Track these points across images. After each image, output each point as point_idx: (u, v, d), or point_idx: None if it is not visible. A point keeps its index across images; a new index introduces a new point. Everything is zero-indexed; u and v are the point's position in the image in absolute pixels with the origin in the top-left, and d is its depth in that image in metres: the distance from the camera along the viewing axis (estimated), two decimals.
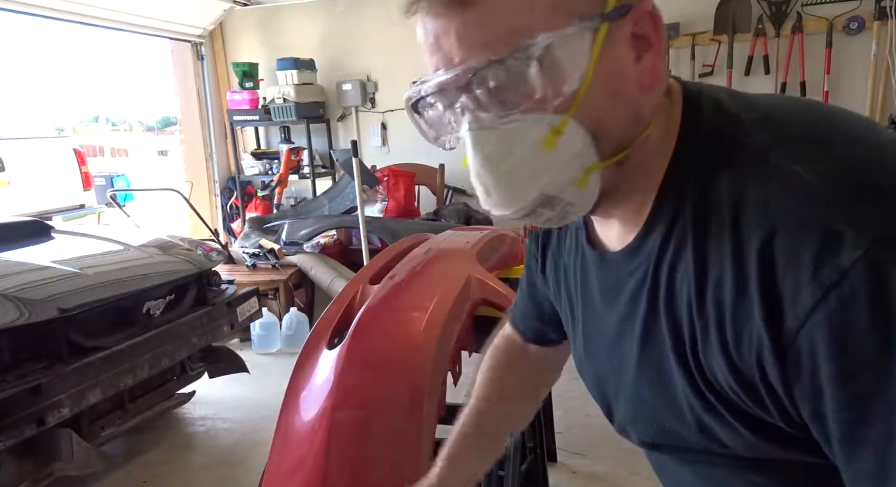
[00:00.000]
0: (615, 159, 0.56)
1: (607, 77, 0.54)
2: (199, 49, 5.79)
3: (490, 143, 0.55)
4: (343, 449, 1.10)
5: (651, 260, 0.59)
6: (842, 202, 0.47)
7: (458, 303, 1.45)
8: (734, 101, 0.59)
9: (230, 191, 5.89)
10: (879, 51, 4.09)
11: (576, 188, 0.56)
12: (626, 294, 0.63)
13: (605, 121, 0.55)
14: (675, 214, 0.57)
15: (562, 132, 0.54)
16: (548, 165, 0.55)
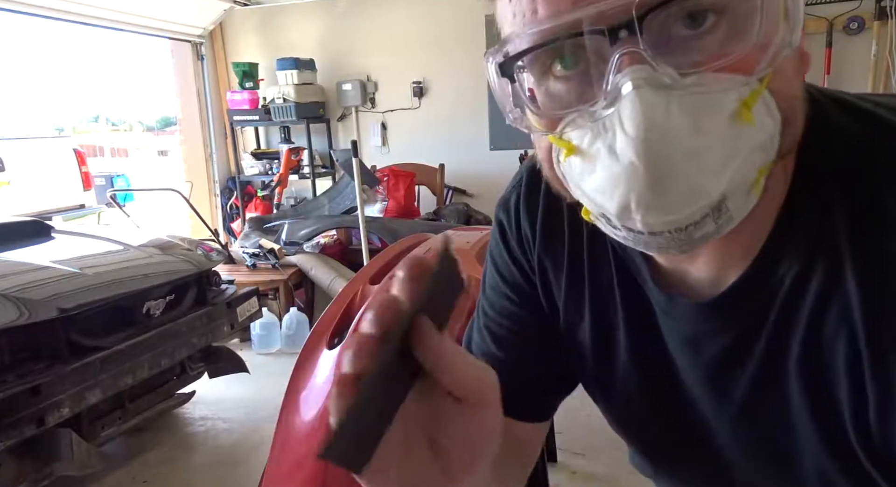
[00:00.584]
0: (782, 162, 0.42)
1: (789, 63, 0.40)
2: (199, 49, 5.79)
3: (671, 111, 0.37)
4: None
5: (775, 303, 0.45)
6: None
7: (459, 303, 1.45)
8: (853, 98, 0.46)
9: (230, 191, 5.89)
10: (879, 51, 4.08)
11: (748, 193, 0.40)
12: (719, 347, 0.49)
13: (793, 101, 0.41)
14: (815, 242, 0.43)
15: (752, 107, 0.38)
16: (737, 151, 0.38)
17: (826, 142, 0.44)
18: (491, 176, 5.12)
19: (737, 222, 0.41)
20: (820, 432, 0.45)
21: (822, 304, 0.43)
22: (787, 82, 0.40)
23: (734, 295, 0.47)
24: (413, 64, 5.23)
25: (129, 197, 6.20)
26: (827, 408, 0.44)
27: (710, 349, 0.50)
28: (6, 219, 3.01)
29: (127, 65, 32.60)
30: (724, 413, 0.52)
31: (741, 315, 0.47)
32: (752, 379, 0.48)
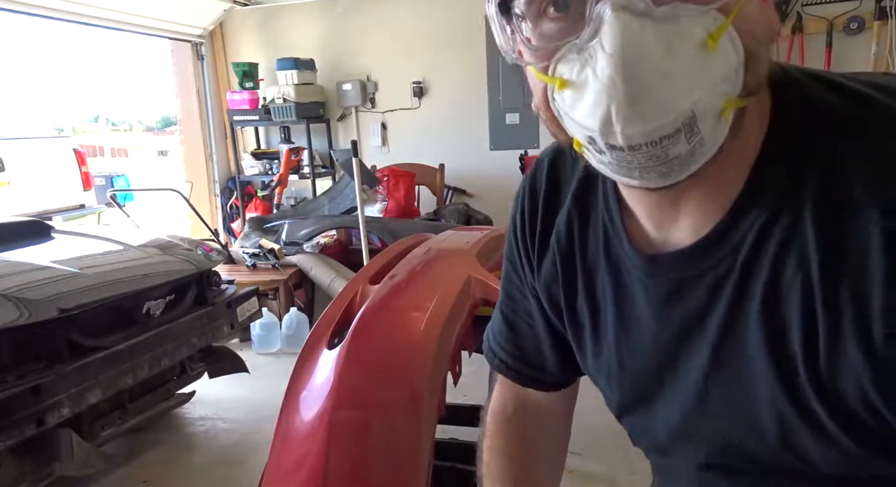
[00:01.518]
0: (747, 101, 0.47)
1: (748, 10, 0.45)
2: (199, 49, 5.79)
3: (645, 34, 0.43)
4: (343, 449, 1.10)
5: (741, 253, 0.51)
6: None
7: (458, 303, 1.45)
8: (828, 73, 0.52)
9: (230, 191, 5.89)
10: (879, 51, 4.09)
11: (717, 119, 0.45)
12: (692, 297, 0.55)
13: (757, 41, 0.46)
14: (779, 201, 0.49)
15: (717, 38, 0.43)
16: (703, 76, 0.44)
17: (799, 108, 0.50)
18: (491, 176, 5.12)
19: (709, 150, 0.46)
20: (776, 373, 0.50)
21: (783, 252, 0.48)
22: (752, 22, 0.45)
23: (709, 241, 0.52)
24: (413, 64, 5.24)
25: (129, 197, 6.20)
26: (783, 350, 0.49)
27: (694, 294, 0.54)
28: (6, 219, 3.01)
29: (127, 65, 32.63)
30: (695, 364, 0.56)
31: (716, 260, 0.52)
32: (720, 323, 0.53)
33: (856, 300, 0.44)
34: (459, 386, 1.70)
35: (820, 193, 0.47)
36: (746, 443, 0.55)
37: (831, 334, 0.46)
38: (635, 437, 0.69)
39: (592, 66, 0.44)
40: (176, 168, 6.78)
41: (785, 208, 0.48)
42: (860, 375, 0.45)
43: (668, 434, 0.62)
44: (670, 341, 0.58)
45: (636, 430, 0.67)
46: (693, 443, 0.60)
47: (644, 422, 0.65)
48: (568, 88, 0.47)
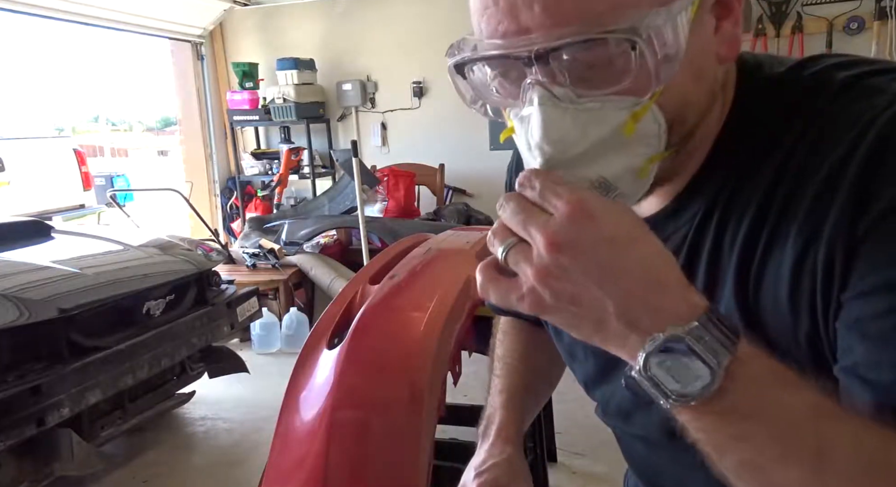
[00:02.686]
0: (678, 148, 0.53)
1: (694, 55, 0.49)
2: (199, 49, 5.79)
3: (563, 123, 0.48)
4: (343, 449, 1.10)
5: (694, 222, 0.57)
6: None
7: (458, 303, 1.45)
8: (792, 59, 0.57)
9: (230, 191, 5.89)
10: (879, 51, 4.08)
11: (635, 178, 0.51)
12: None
13: (685, 107, 0.51)
14: (725, 179, 0.55)
15: (640, 118, 0.49)
16: (617, 152, 0.49)
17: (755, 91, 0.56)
18: (491, 176, 5.11)
19: (633, 199, 0.53)
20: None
21: (725, 218, 0.54)
22: (680, 92, 0.50)
23: (668, 211, 0.60)
24: (413, 64, 5.23)
25: (129, 197, 6.20)
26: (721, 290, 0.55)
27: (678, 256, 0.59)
28: (6, 219, 3.01)
29: (127, 65, 32.61)
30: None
31: (675, 227, 0.59)
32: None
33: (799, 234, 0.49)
34: (459, 386, 1.70)
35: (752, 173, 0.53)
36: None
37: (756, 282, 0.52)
38: (604, 407, 0.73)
39: (527, 130, 0.51)
40: (176, 168, 6.78)
41: (726, 186, 0.55)
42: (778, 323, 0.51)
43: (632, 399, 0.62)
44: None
45: (605, 399, 0.71)
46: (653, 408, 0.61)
47: (613, 390, 0.68)
48: (515, 133, 0.54)
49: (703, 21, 0.50)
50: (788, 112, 0.52)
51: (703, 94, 0.53)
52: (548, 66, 0.48)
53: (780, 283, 0.50)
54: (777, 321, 0.50)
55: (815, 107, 0.51)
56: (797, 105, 0.52)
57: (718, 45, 0.52)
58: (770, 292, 0.51)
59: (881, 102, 0.47)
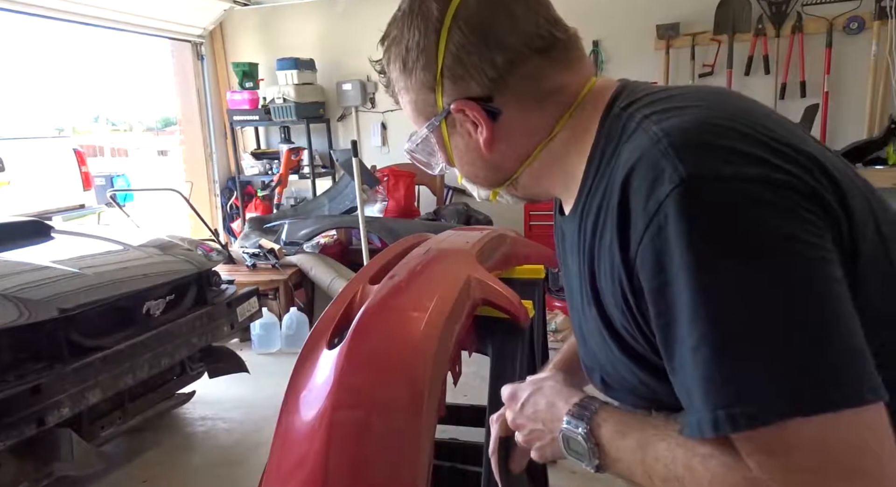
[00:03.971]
0: (504, 186, 0.84)
1: (459, 151, 0.82)
2: (199, 49, 5.79)
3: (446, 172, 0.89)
4: (343, 449, 1.09)
5: (578, 222, 0.73)
6: (676, 148, 0.58)
7: (458, 303, 1.44)
8: (646, 93, 0.72)
9: (230, 191, 5.89)
10: (879, 51, 4.09)
11: (496, 198, 0.87)
12: (574, 248, 0.76)
13: (474, 176, 0.85)
14: (588, 186, 0.71)
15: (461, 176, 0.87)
16: (473, 188, 0.89)
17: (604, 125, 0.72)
18: None
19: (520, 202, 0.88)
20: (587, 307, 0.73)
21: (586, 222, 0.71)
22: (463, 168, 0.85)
23: (570, 217, 0.77)
24: None
25: (129, 197, 6.21)
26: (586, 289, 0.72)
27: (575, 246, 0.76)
28: (6, 219, 3.01)
29: (127, 65, 32.59)
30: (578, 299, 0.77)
31: (576, 224, 0.74)
32: (577, 274, 0.75)
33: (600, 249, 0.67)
34: (459, 385, 1.69)
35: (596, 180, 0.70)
36: (605, 368, 0.76)
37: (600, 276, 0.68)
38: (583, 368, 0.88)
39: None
40: (176, 168, 6.78)
41: (590, 195, 0.70)
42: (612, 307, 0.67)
43: (583, 359, 0.84)
44: (574, 281, 0.78)
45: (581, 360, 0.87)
46: (591, 366, 0.82)
47: (581, 354, 0.85)
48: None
49: (459, 131, 0.80)
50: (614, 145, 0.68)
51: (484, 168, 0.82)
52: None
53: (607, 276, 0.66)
54: (607, 297, 0.67)
55: (616, 146, 0.67)
56: (617, 140, 0.68)
57: (481, 142, 0.78)
58: (604, 278, 0.67)
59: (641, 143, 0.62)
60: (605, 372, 0.77)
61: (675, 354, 0.57)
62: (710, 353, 0.54)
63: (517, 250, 2.19)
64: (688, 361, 0.55)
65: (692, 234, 0.55)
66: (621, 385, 0.74)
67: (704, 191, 0.55)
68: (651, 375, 0.67)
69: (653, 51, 4.58)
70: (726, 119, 0.61)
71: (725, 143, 0.58)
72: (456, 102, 0.75)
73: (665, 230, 0.56)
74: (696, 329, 0.54)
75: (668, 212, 0.56)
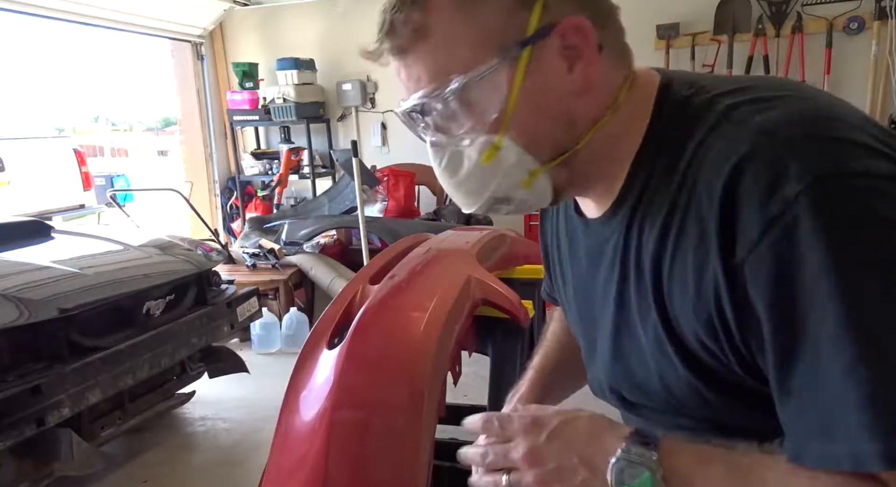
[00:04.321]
0: (558, 161, 0.64)
1: (534, 96, 0.61)
2: (199, 49, 5.79)
3: (444, 159, 0.66)
4: (343, 449, 1.10)
5: (622, 227, 0.65)
6: (795, 142, 0.52)
7: (458, 303, 1.44)
8: (706, 81, 0.63)
9: (230, 191, 5.89)
10: (879, 51, 4.08)
11: (524, 189, 0.65)
12: (605, 259, 0.69)
13: (535, 135, 0.63)
14: (645, 183, 0.62)
15: (500, 147, 0.62)
16: (492, 175, 0.64)
17: (663, 114, 0.63)
18: None
19: (536, 204, 0.68)
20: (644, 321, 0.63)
21: (643, 226, 0.62)
22: (525, 124, 0.62)
23: (604, 220, 0.68)
24: None
25: (129, 197, 6.21)
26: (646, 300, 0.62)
27: (607, 254, 0.68)
28: (6, 219, 3.01)
29: (127, 65, 32.61)
30: (609, 313, 0.69)
31: (612, 228, 0.67)
32: (617, 278, 0.66)
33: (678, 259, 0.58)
34: (459, 385, 1.69)
35: (662, 179, 0.60)
36: (648, 384, 0.67)
37: (668, 287, 0.59)
38: (592, 385, 0.79)
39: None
40: (176, 168, 6.78)
41: (645, 196, 0.62)
42: (692, 321, 0.58)
43: (603, 377, 0.74)
44: (598, 293, 0.71)
45: (592, 377, 0.79)
46: (617, 386, 0.72)
47: (594, 368, 0.77)
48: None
49: (544, 65, 0.60)
50: (683, 139, 0.59)
51: (555, 125, 0.63)
52: (424, 120, 0.65)
53: (686, 286, 0.58)
54: (685, 309, 0.59)
55: (700, 136, 0.58)
56: (688, 134, 0.59)
57: (574, 83, 0.61)
58: (678, 289, 0.59)
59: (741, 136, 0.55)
60: (642, 389, 0.68)
61: (799, 373, 0.50)
62: (873, 374, 0.46)
63: (517, 250, 2.19)
64: (834, 382, 0.48)
65: (835, 239, 0.48)
66: (665, 404, 0.66)
67: (840, 190, 0.49)
68: (720, 394, 0.61)
69: (653, 50, 4.58)
70: (828, 110, 0.56)
71: (846, 137, 0.52)
72: (568, 17, 0.58)
73: (794, 235, 0.49)
74: (849, 345, 0.47)
75: (798, 215, 0.49)
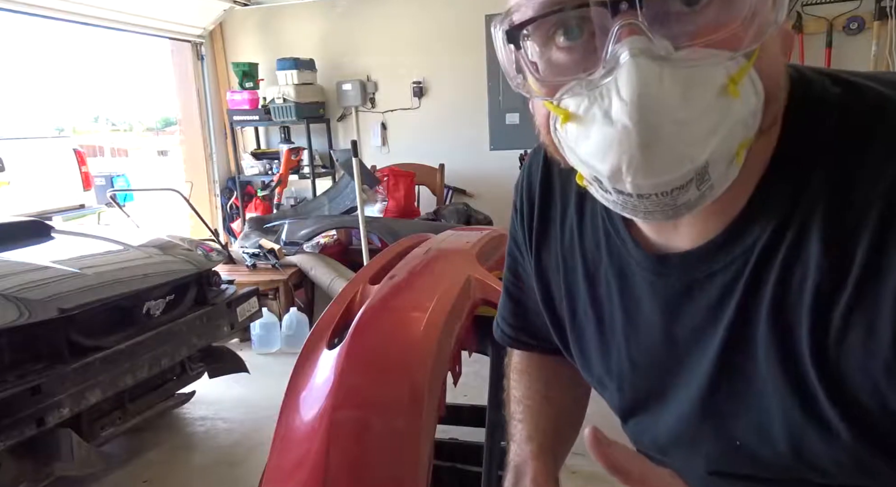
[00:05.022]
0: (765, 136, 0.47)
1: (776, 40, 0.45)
2: (199, 49, 5.79)
3: (664, 81, 0.41)
4: (343, 449, 1.10)
5: (751, 258, 0.49)
6: None
7: (458, 303, 1.45)
8: (843, 74, 0.50)
9: (230, 191, 5.89)
10: (879, 51, 4.08)
11: (728, 164, 0.45)
12: (702, 297, 0.54)
13: (776, 80, 0.46)
14: (791, 204, 0.47)
15: (738, 83, 0.42)
16: (721, 125, 0.42)
17: (812, 114, 0.48)
18: (491, 176, 5.12)
19: (718, 192, 0.46)
20: (785, 375, 0.49)
21: (791, 259, 0.47)
22: (772, 61, 0.44)
23: (717, 244, 0.51)
24: (413, 64, 5.23)
25: (129, 197, 6.20)
26: (792, 351, 0.48)
27: (704, 295, 0.53)
28: (6, 219, 3.01)
29: (127, 65, 32.61)
30: (702, 363, 0.55)
31: (726, 262, 0.51)
32: (729, 323, 0.52)
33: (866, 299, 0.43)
34: (459, 386, 1.70)
35: (828, 197, 0.45)
36: (754, 448, 0.53)
37: (839, 337, 0.45)
38: (639, 439, 0.67)
39: (603, 107, 0.42)
40: (176, 168, 6.78)
41: (794, 221, 0.47)
42: (871, 371, 0.44)
43: (671, 434, 0.60)
44: (680, 340, 0.57)
45: (640, 431, 0.66)
46: (696, 445, 0.58)
47: (650, 423, 0.63)
48: (573, 122, 0.45)
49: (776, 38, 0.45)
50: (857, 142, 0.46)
51: (784, 76, 0.47)
52: (634, 11, 0.41)
53: (877, 337, 0.42)
54: (866, 380, 0.44)
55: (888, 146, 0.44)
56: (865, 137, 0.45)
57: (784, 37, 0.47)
58: (859, 344, 0.44)
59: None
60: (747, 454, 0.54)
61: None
62: None
63: None
64: None
65: None
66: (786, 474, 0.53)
67: None
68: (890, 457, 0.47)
69: None
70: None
71: None
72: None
73: None
74: None
75: None
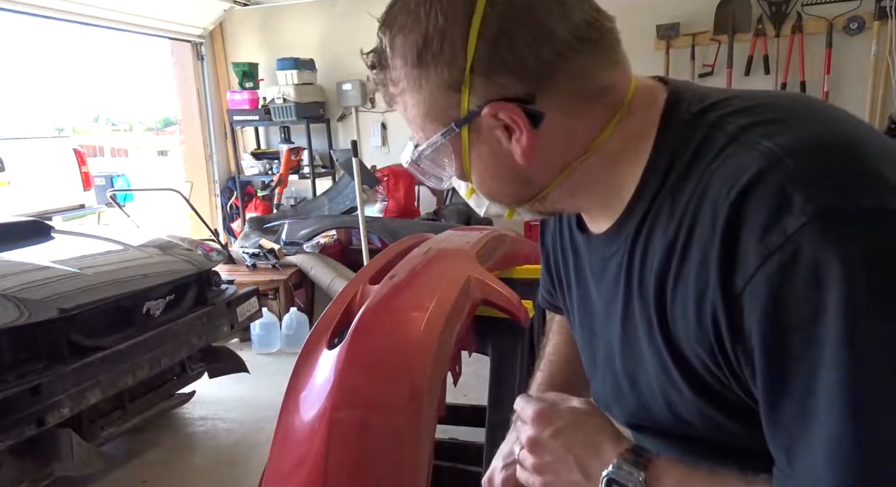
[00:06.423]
0: (526, 206, 0.70)
1: (483, 161, 0.66)
2: (199, 49, 5.79)
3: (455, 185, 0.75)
4: (343, 449, 1.10)
5: (626, 245, 0.65)
6: (805, 171, 0.50)
7: (458, 303, 1.45)
8: (719, 95, 0.63)
9: (230, 191, 5.89)
10: (879, 51, 4.09)
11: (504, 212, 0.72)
12: (609, 276, 0.69)
13: (494, 192, 0.70)
14: (651, 202, 0.62)
15: (474, 191, 0.71)
16: (480, 203, 0.73)
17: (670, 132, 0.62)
18: None
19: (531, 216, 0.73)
20: (648, 338, 0.63)
21: (648, 244, 0.62)
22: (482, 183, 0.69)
23: (608, 236, 0.69)
24: None
25: (129, 197, 6.21)
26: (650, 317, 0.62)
27: (611, 270, 0.68)
28: (6, 219, 3.01)
29: (127, 65, 32.61)
30: (614, 332, 0.69)
31: (618, 245, 0.67)
32: (622, 296, 0.66)
33: (680, 278, 0.57)
34: (459, 385, 1.70)
35: (672, 201, 0.59)
36: (651, 405, 0.66)
37: (671, 308, 0.59)
38: (596, 399, 0.79)
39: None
40: (176, 168, 6.78)
41: (650, 214, 0.62)
42: (693, 343, 0.57)
43: (607, 394, 0.75)
44: (602, 309, 0.72)
45: (595, 392, 0.79)
46: (621, 403, 0.72)
47: (598, 384, 0.77)
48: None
49: (485, 138, 0.64)
50: (691, 158, 0.59)
51: (510, 184, 0.68)
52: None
53: (688, 310, 0.57)
54: (687, 333, 0.58)
55: (709, 158, 0.57)
56: (696, 152, 0.59)
57: (520, 151, 0.63)
58: (681, 312, 0.58)
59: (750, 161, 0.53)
60: (648, 411, 0.67)
61: (784, 408, 0.50)
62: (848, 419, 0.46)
63: (517, 250, 2.19)
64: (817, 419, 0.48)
65: (834, 279, 0.46)
66: (671, 427, 0.65)
67: (846, 227, 0.47)
68: (731, 418, 0.60)
69: (653, 51, 4.58)
70: (847, 136, 0.54)
71: (861, 168, 0.50)
72: (490, 105, 0.60)
73: (792, 270, 0.48)
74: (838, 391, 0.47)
75: (798, 250, 0.47)
